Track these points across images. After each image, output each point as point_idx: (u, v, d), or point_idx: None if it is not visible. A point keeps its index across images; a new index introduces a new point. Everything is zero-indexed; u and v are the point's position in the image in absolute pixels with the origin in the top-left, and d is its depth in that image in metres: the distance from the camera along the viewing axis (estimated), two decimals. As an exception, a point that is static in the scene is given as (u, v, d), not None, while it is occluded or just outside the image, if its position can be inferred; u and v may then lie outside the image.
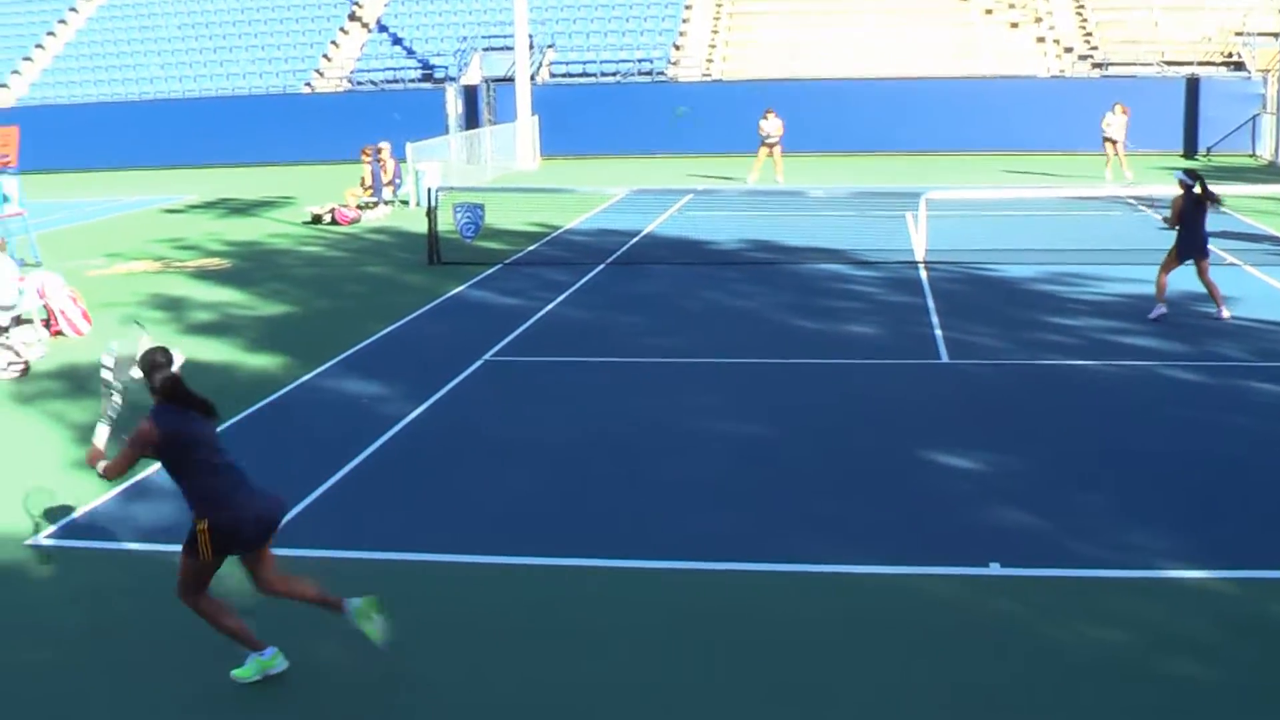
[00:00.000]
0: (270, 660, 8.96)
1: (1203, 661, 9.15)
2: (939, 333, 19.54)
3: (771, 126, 40.49)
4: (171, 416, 8.77)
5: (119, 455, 8.88)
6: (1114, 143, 39.63)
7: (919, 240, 26.56)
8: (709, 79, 54.33)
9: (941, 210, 29.22)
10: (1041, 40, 54.59)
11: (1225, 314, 19.86)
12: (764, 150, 40.71)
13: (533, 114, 49.64)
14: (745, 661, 9.24)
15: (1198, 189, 19.98)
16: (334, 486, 13.16)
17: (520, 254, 27.77)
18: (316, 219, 34.02)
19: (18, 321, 19.99)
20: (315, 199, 36.87)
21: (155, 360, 8.92)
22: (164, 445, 8.76)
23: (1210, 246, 20.40)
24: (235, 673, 8.94)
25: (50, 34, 61.37)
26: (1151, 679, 8.92)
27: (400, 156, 38.25)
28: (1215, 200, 20.22)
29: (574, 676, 9.07)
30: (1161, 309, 20.04)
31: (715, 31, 56.91)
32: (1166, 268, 20.14)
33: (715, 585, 10.61)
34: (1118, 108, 39.98)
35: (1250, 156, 48.45)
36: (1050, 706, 8.57)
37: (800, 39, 55.42)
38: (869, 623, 9.86)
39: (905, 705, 8.65)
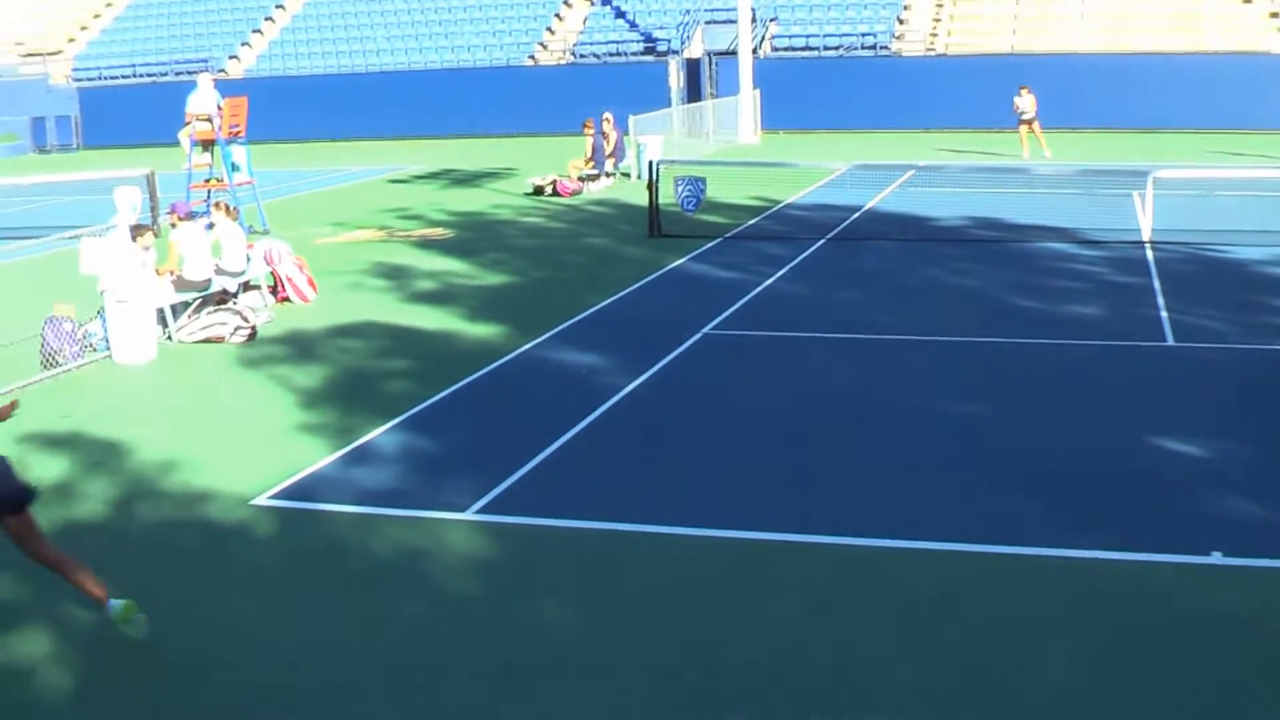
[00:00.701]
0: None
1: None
2: (1164, 314, 19.08)
3: (1025, 103, 40.15)
4: None
5: None
6: None
7: (1146, 220, 25.99)
8: (933, 53, 53.76)
9: (1169, 189, 28.54)
10: (1275, 15, 53.03)
11: None
12: (1023, 127, 40.38)
13: (754, 88, 49.53)
14: (961, 645, 9.13)
15: None
16: (553, 454, 13.26)
17: (740, 228, 27.74)
18: (538, 190, 34.35)
19: (246, 287, 20.50)
20: (537, 170, 37.17)
21: None
22: None
23: None
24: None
25: (280, 6, 62.76)
26: None
27: (623, 129, 38.44)
28: None
29: (795, 652, 9.03)
30: None
31: (940, 5, 56.26)
32: None
33: (937, 565, 10.48)
34: None
35: None
36: (1271, 700, 8.32)
37: (1023, 12, 54.58)
38: (1088, 607, 9.66)
39: (1120, 690, 8.47)
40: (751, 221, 28.66)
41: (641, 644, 9.22)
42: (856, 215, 29.33)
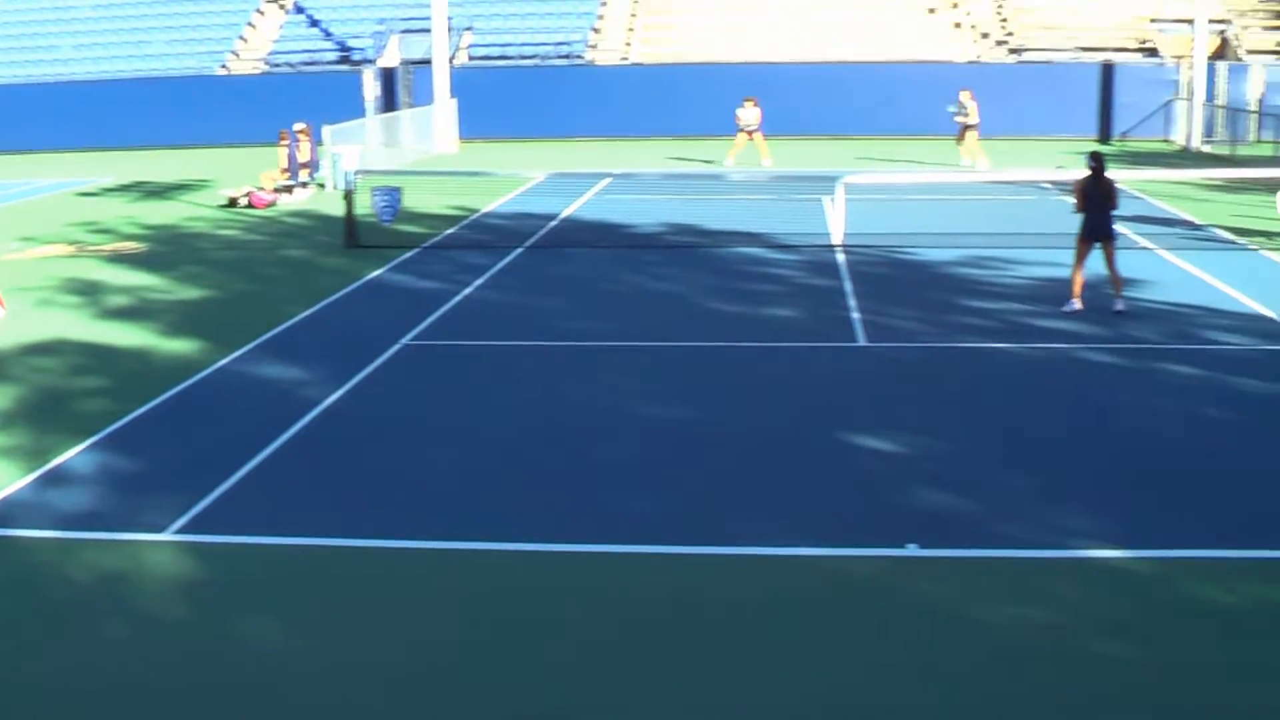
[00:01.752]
0: None
1: (1125, 640, 9.30)
2: (856, 316, 19.67)
3: (750, 116, 40.84)
4: None
5: None
6: (972, 128, 39.94)
7: (836, 224, 26.70)
8: (627, 62, 54.35)
9: (859, 194, 29.38)
10: (958, 26, 54.92)
11: (1121, 307, 19.71)
12: (743, 136, 41.09)
13: (451, 97, 49.46)
14: (677, 642, 9.30)
15: (1097, 169, 19.90)
16: (253, 471, 13.12)
17: (439, 237, 27.71)
18: (232, 202, 33.79)
19: (-71, 305, 19.83)
20: (232, 182, 36.59)
21: None
22: None
23: (1122, 229, 20.52)
24: None
25: (-40, 14, 60.68)
26: (1078, 659, 9.04)
27: (318, 139, 38.05)
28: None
29: (494, 656, 9.09)
30: (1075, 304, 19.86)
31: (634, 15, 56.87)
32: (1081, 259, 19.97)
33: (644, 568, 10.66)
34: (969, 94, 40.25)
35: (1164, 142, 48.92)
36: (974, 686, 8.67)
37: (717, 23, 55.51)
38: (794, 603, 9.93)
39: (829, 684, 8.73)
40: (450, 231, 28.64)
41: (349, 657, 9.18)
42: (555, 223, 29.53)
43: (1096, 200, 19.83)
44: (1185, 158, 44.21)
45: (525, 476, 13.02)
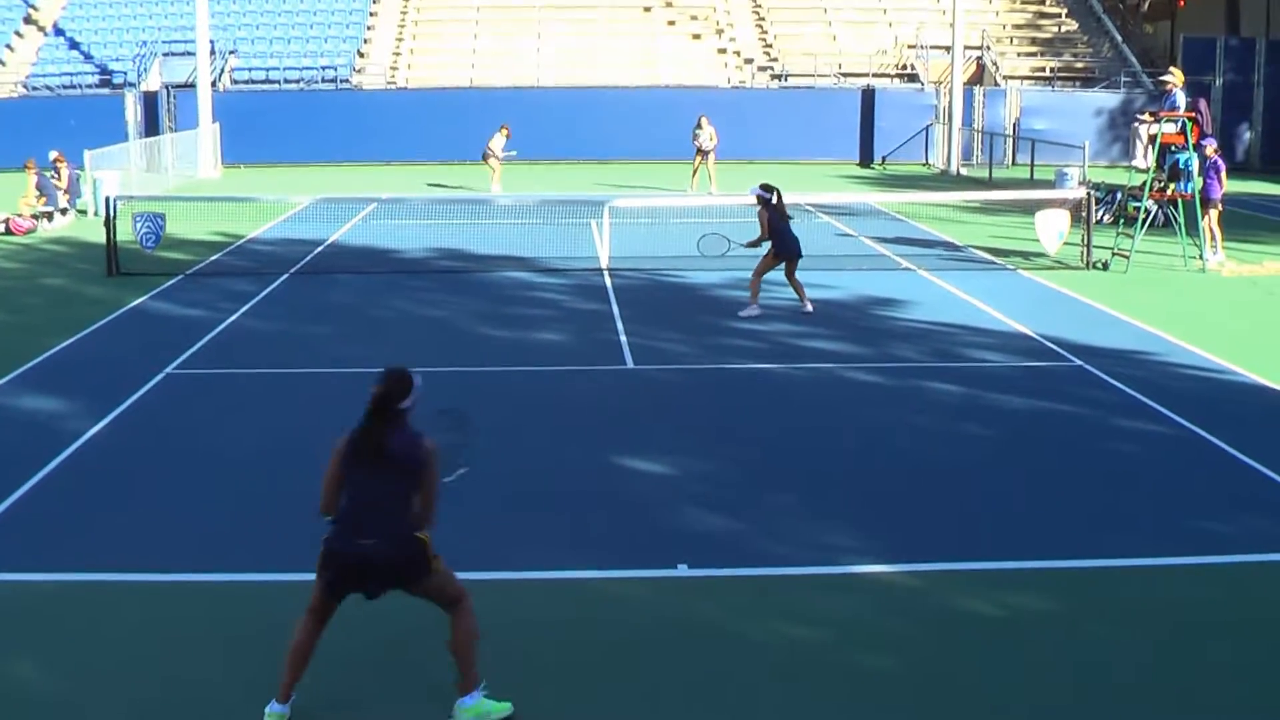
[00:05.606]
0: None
1: (890, 653, 9.53)
2: (624, 339, 19.82)
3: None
4: None
5: None
6: (705, 153, 40.63)
7: (604, 247, 26.88)
8: (394, 87, 54.14)
9: (625, 218, 29.64)
10: (723, 52, 55.67)
11: (809, 307, 21.08)
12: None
13: (214, 121, 48.81)
14: (418, 668, 9.29)
15: (775, 199, 20.96)
16: (12, 505, 12.78)
17: (203, 264, 27.29)
18: (-11, 229, 32.96)
19: None
20: (-13, 209, 35.68)
21: None
22: None
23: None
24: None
25: None
26: (841, 672, 9.25)
27: (77, 164, 37.25)
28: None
29: (261, 693, 9.00)
30: (754, 309, 21.18)
31: (400, 39, 56.75)
32: (761, 271, 21.30)
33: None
34: (705, 120, 40.95)
35: (924, 165, 50.17)
36: (741, 703, 8.78)
37: (485, 48, 55.64)
38: (559, 627, 9.98)
39: (598, 709, 8.79)
40: (214, 257, 28.23)
41: (116, 691, 9.02)
42: (321, 248, 29.27)
43: (780, 225, 20.91)
44: (944, 180, 45.36)
45: (292, 506, 12.84)
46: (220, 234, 31.08)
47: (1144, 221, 27.18)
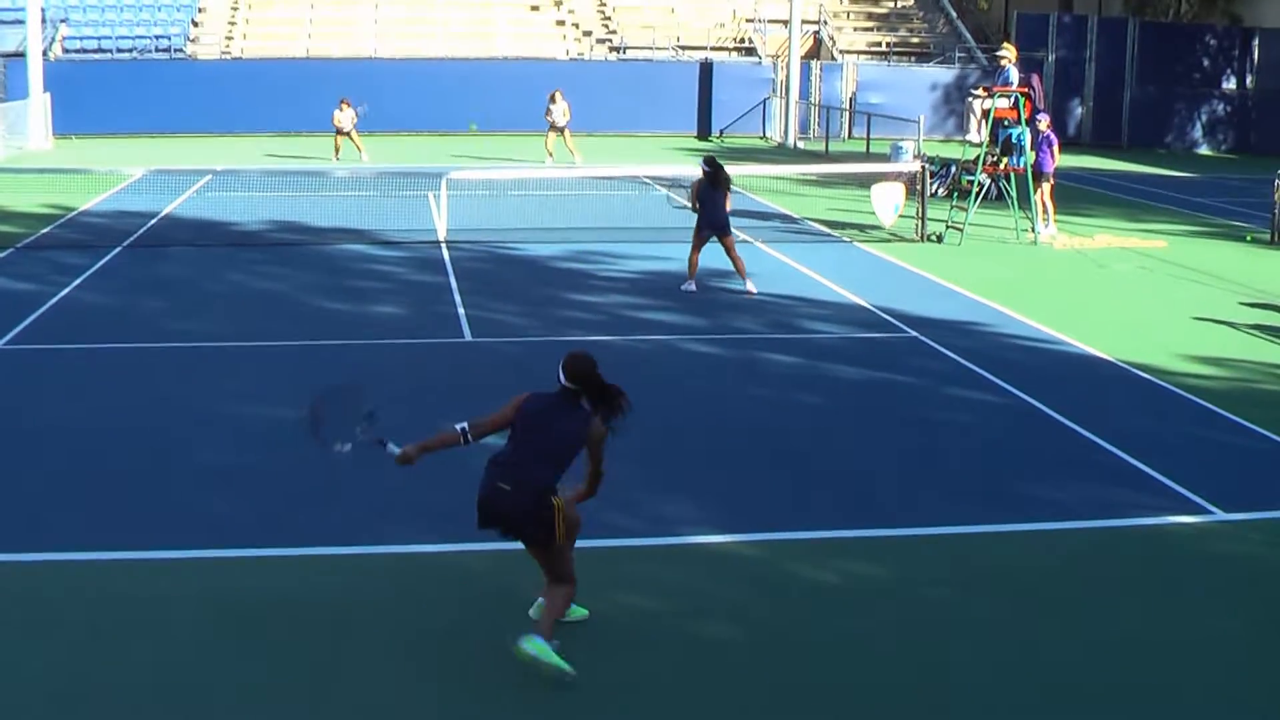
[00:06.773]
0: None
1: (731, 622, 9.64)
2: (462, 311, 19.79)
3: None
4: None
5: None
6: (560, 130, 40.72)
7: (441, 220, 26.80)
8: (228, 56, 53.44)
9: (462, 190, 29.55)
10: (561, 24, 55.62)
11: (751, 288, 20.84)
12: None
13: (45, 91, 47.85)
14: (285, 648, 9.24)
15: (709, 171, 21.16)
16: None
17: (32, 237, 26.74)
18: None
19: None
20: None
21: None
22: None
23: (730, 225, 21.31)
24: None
25: None
26: (683, 642, 9.33)
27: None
28: (727, 184, 21.19)
29: (79, 670, 8.89)
30: (691, 285, 21.15)
31: (235, 8, 55.99)
32: (696, 246, 21.17)
33: (241, 571, 10.55)
34: (559, 94, 41.01)
35: (761, 139, 50.57)
36: (583, 675, 8.79)
37: (319, 16, 55.10)
38: (411, 600, 9.98)
39: (405, 685, 8.80)
40: (44, 230, 27.66)
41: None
42: (155, 221, 28.82)
43: (710, 199, 20.71)
44: (781, 154, 45.74)
45: (123, 482, 12.70)
46: (51, 206, 30.48)
47: (977, 195, 27.64)
